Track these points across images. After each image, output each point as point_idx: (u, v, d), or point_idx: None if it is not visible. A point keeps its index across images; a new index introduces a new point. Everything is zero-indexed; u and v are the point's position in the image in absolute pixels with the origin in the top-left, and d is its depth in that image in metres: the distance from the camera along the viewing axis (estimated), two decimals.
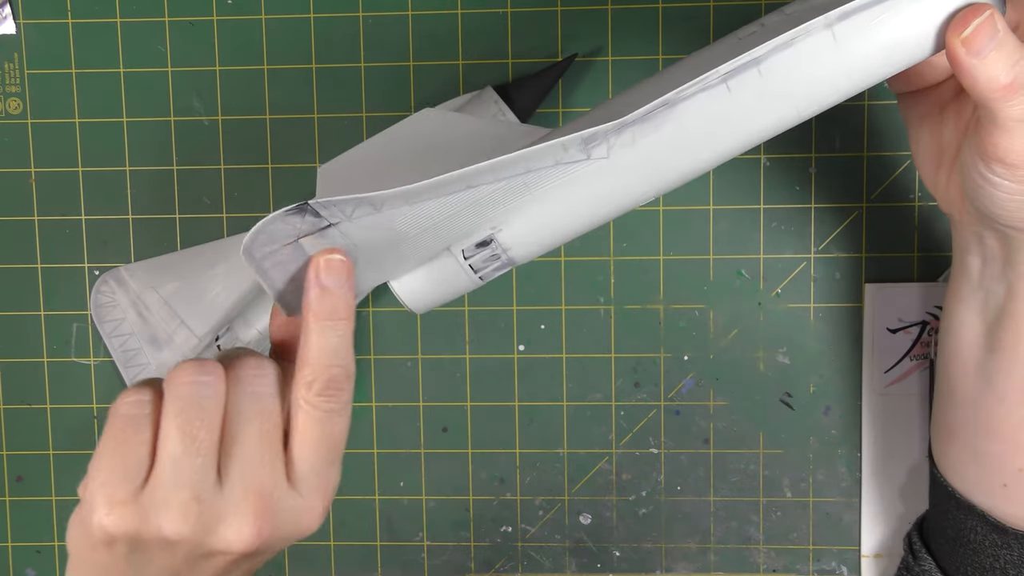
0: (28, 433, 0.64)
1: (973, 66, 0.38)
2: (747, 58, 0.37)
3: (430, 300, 0.42)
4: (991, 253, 0.45)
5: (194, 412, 0.36)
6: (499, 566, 0.63)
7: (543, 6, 0.60)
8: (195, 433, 0.36)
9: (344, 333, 0.37)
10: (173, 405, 0.36)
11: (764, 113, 0.39)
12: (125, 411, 0.37)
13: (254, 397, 0.37)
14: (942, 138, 0.45)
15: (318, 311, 0.37)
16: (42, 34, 0.61)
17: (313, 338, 0.37)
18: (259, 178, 0.61)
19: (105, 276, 0.62)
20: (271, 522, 0.37)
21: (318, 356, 0.37)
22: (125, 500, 0.36)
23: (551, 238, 0.41)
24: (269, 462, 0.37)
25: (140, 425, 0.37)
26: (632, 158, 0.39)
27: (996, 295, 0.46)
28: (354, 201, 0.37)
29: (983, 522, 0.49)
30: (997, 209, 0.42)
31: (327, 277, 0.37)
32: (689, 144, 0.39)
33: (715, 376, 0.61)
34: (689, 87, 0.38)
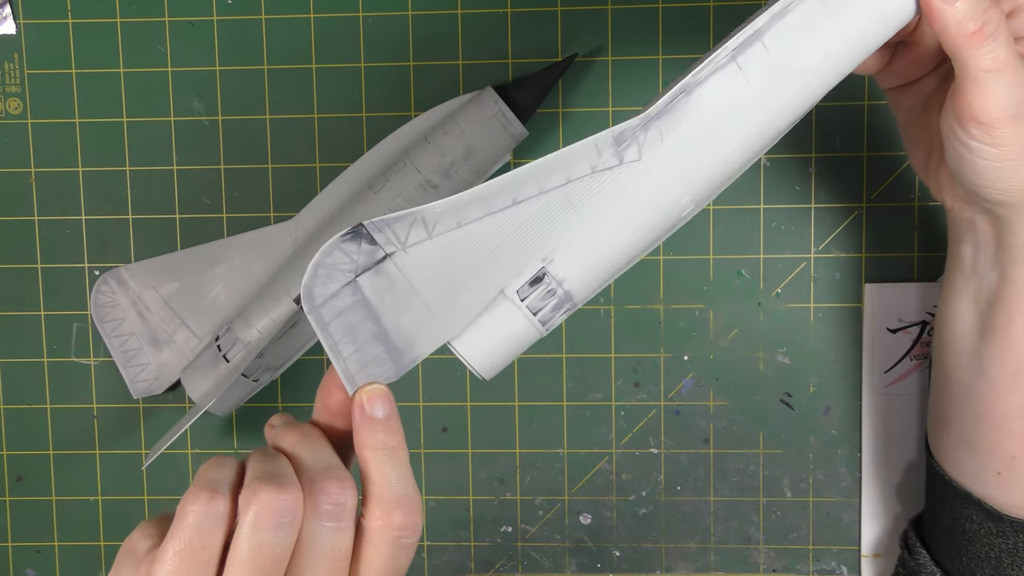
0: (28, 433, 0.64)
1: (942, 10, 0.38)
2: (750, 31, 0.38)
3: (495, 357, 0.40)
4: (983, 239, 0.46)
5: (268, 547, 0.34)
6: (499, 566, 0.63)
7: (543, 6, 0.60)
8: (265, 570, 0.34)
9: (398, 460, 0.37)
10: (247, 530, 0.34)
11: (777, 90, 0.39)
12: (195, 521, 0.34)
13: (331, 532, 0.36)
14: (928, 128, 0.47)
15: (371, 442, 0.37)
16: (42, 34, 0.61)
17: (371, 469, 0.37)
18: (259, 178, 0.61)
19: (105, 276, 0.62)
20: None
21: (381, 489, 0.36)
22: None
23: (602, 262, 0.40)
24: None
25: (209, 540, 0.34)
26: (662, 156, 0.38)
27: (989, 281, 0.47)
28: (407, 219, 0.37)
29: (979, 510, 0.49)
30: (979, 180, 0.43)
31: (370, 406, 0.37)
32: (713, 132, 0.39)
33: (715, 376, 0.61)
34: (701, 69, 0.38)
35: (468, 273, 0.39)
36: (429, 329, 0.39)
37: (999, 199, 0.43)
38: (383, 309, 0.38)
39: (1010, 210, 0.44)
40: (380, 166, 0.58)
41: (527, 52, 0.60)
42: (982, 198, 0.44)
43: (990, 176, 0.42)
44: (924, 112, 0.47)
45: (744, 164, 0.40)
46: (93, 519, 0.64)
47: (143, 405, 0.63)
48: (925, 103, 0.47)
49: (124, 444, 0.63)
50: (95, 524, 0.64)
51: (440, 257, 0.38)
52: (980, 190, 0.43)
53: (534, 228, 0.39)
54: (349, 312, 0.38)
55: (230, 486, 0.36)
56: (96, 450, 0.64)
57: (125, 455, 0.63)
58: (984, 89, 0.40)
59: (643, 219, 0.39)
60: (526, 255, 0.39)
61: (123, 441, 0.63)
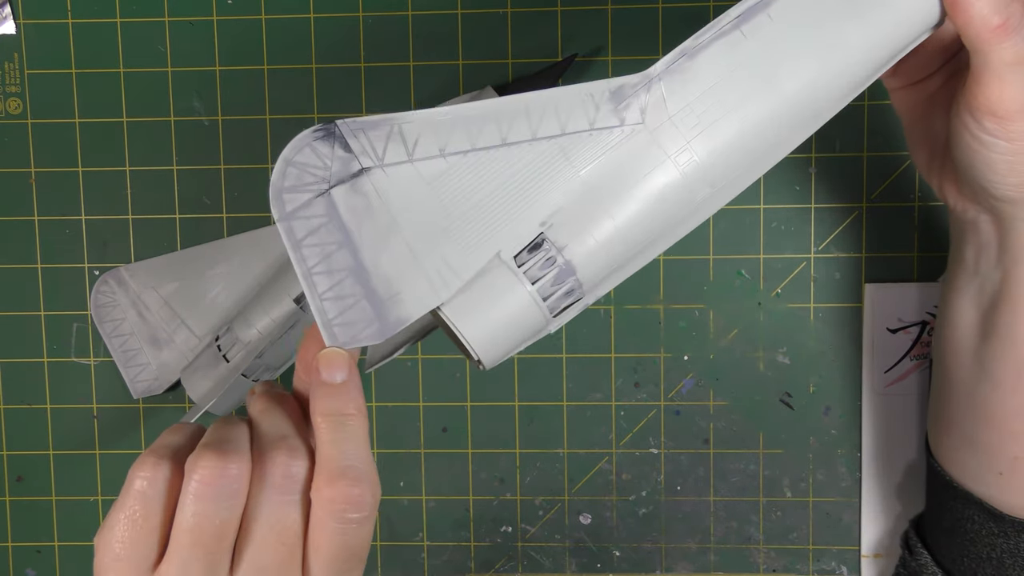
0: (28, 433, 0.64)
1: (970, 4, 0.38)
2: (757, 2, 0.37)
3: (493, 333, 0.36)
4: (986, 239, 0.46)
5: (209, 518, 0.34)
6: (499, 566, 0.63)
7: (543, 6, 0.60)
8: (207, 542, 0.34)
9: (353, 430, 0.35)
10: (189, 499, 0.34)
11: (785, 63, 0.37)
12: (138, 486, 0.34)
13: (278, 506, 0.35)
14: (934, 126, 0.47)
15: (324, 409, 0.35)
16: (42, 34, 0.61)
17: (324, 436, 0.35)
18: (259, 178, 0.61)
19: (105, 276, 0.62)
20: None
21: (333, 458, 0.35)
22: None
23: (607, 236, 0.36)
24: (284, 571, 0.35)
25: (153, 508, 0.34)
26: (668, 123, 0.36)
27: (991, 282, 0.47)
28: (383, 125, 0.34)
29: (980, 510, 0.49)
30: (991, 175, 0.42)
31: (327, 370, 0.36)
32: (719, 100, 0.36)
33: (715, 376, 0.61)
34: (704, 33, 0.37)
35: (456, 220, 0.35)
36: (415, 282, 0.35)
37: (1008, 195, 0.43)
38: (361, 239, 0.35)
39: (1017, 207, 0.44)
40: None
41: (527, 52, 0.60)
42: (990, 194, 0.44)
43: (1002, 170, 0.42)
44: (929, 111, 0.47)
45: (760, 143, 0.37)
46: (93, 519, 0.64)
47: (143, 405, 0.63)
48: (930, 102, 0.47)
49: (124, 444, 0.63)
50: (95, 524, 0.64)
51: (424, 192, 0.35)
52: (990, 185, 0.43)
53: (528, 181, 0.35)
54: (323, 231, 0.34)
55: (180, 453, 0.35)
56: (96, 450, 0.64)
57: (125, 455, 0.63)
58: (1003, 82, 0.40)
59: (651, 191, 0.36)
60: (522, 214, 0.36)
61: (123, 441, 0.63)
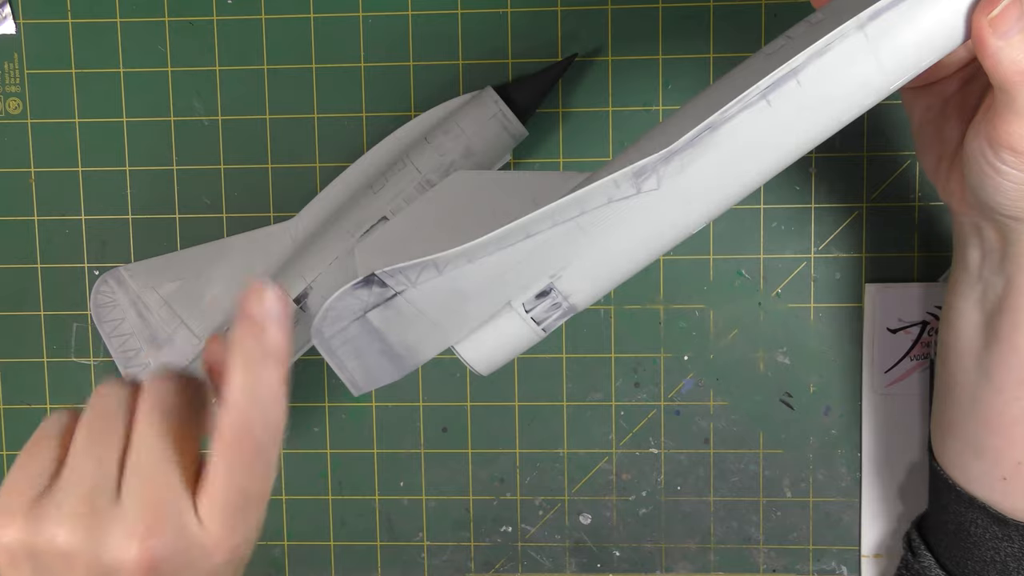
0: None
1: (999, 48, 0.38)
2: (785, 70, 0.37)
3: (495, 359, 0.42)
4: (990, 245, 0.46)
5: (98, 422, 0.36)
6: (499, 566, 0.63)
7: (543, 6, 0.60)
8: (97, 439, 0.36)
9: (269, 376, 0.35)
10: (84, 416, 0.37)
11: (805, 124, 0.39)
12: (42, 428, 0.37)
13: (155, 411, 0.36)
14: (944, 131, 0.46)
15: (247, 351, 0.35)
16: (42, 34, 0.61)
17: (240, 380, 0.35)
18: (259, 178, 0.61)
19: (105, 276, 0.62)
20: (164, 541, 0.35)
21: (240, 401, 0.35)
22: (18, 511, 0.35)
23: (609, 279, 0.41)
24: (168, 478, 0.35)
25: (50, 436, 0.37)
26: (681, 186, 0.39)
27: (995, 288, 0.46)
28: (419, 266, 0.37)
29: (984, 514, 0.49)
30: (1000, 198, 0.42)
31: (255, 308, 0.35)
32: (736, 164, 0.39)
33: (715, 376, 0.61)
34: (731, 107, 0.38)
35: (476, 293, 0.40)
36: (433, 338, 0.41)
37: (1017, 216, 0.43)
38: (389, 332, 0.40)
39: (1021, 223, 0.43)
40: (380, 166, 0.58)
41: (527, 52, 0.60)
42: (996, 211, 0.43)
43: (1012, 196, 0.42)
44: (941, 116, 0.46)
45: (760, 185, 0.40)
46: None
47: None
48: (943, 106, 0.46)
49: None
50: None
51: (450, 286, 0.39)
52: (998, 207, 0.43)
53: (545, 253, 0.39)
54: (357, 339, 0.39)
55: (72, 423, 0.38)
56: None
57: None
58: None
59: (655, 241, 0.40)
60: (535, 274, 0.40)
61: None
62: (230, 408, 0.35)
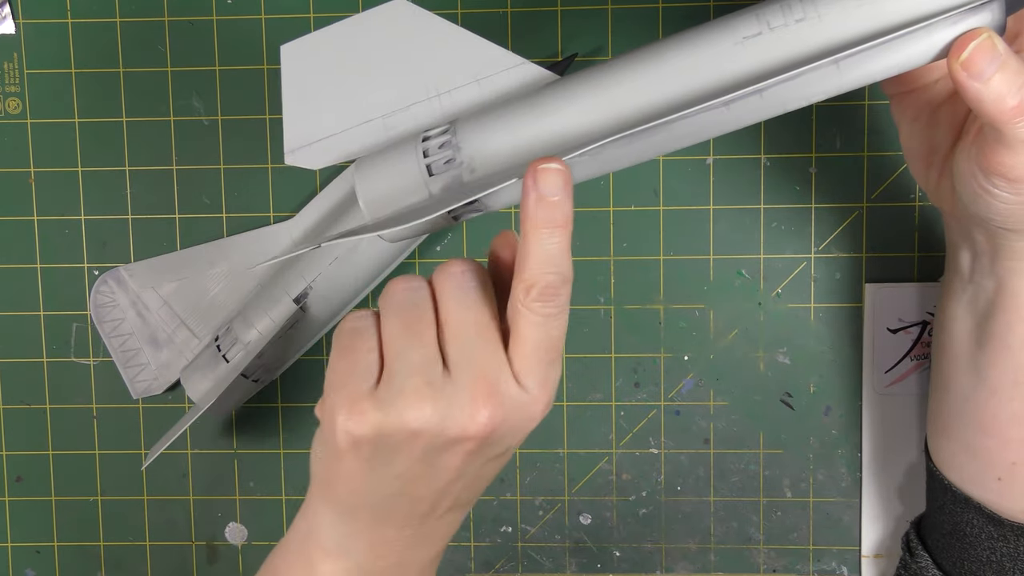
0: (28, 433, 0.64)
1: (978, 90, 0.38)
2: (751, 90, 0.38)
3: (380, 192, 0.41)
4: (980, 249, 0.46)
5: (409, 310, 0.38)
6: (499, 566, 0.63)
7: (543, 6, 0.60)
8: (413, 326, 0.38)
9: (561, 240, 0.37)
10: (389, 309, 0.39)
11: (754, 118, 0.39)
12: (348, 326, 0.39)
13: (462, 291, 0.39)
14: (934, 138, 0.46)
15: (536, 219, 0.37)
16: (42, 34, 0.61)
17: (532, 246, 0.37)
18: (259, 178, 0.61)
19: (105, 276, 0.62)
20: (500, 406, 0.38)
21: (536, 263, 0.37)
22: (362, 397, 0.38)
23: (509, 155, 0.40)
24: (490, 350, 0.38)
25: (364, 334, 0.39)
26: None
27: (986, 290, 0.46)
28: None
29: (980, 515, 0.49)
30: (992, 214, 0.42)
31: (545, 185, 0.37)
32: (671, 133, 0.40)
33: (715, 376, 0.61)
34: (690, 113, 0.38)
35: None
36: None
37: (1007, 227, 0.43)
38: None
39: (1011, 234, 0.43)
40: None
41: (527, 52, 0.60)
42: (987, 223, 0.43)
43: (1004, 213, 0.42)
44: (931, 122, 0.46)
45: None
46: (93, 519, 0.64)
47: (143, 405, 0.63)
48: (932, 114, 0.46)
49: (124, 444, 0.63)
50: (95, 524, 0.64)
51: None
52: (989, 220, 0.43)
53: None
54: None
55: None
56: (96, 450, 0.63)
57: (125, 455, 0.63)
58: (1018, 154, 0.39)
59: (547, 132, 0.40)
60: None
61: (123, 441, 0.63)
62: (530, 267, 0.38)
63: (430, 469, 0.39)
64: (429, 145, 0.40)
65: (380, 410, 0.37)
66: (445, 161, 0.40)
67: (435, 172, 0.40)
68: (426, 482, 0.39)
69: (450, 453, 0.38)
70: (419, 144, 0.41)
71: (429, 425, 0.37)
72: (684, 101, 0.39)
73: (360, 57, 0.41)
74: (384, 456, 0.38)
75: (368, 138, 0.42)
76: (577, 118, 0.40)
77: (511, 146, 0.40)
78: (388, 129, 0.42)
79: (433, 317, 0.39)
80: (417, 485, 0.39)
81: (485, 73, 0.41)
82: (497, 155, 0.40)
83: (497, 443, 0.39)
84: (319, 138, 0.42)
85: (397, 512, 0.40)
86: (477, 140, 0.40)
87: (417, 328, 0.38)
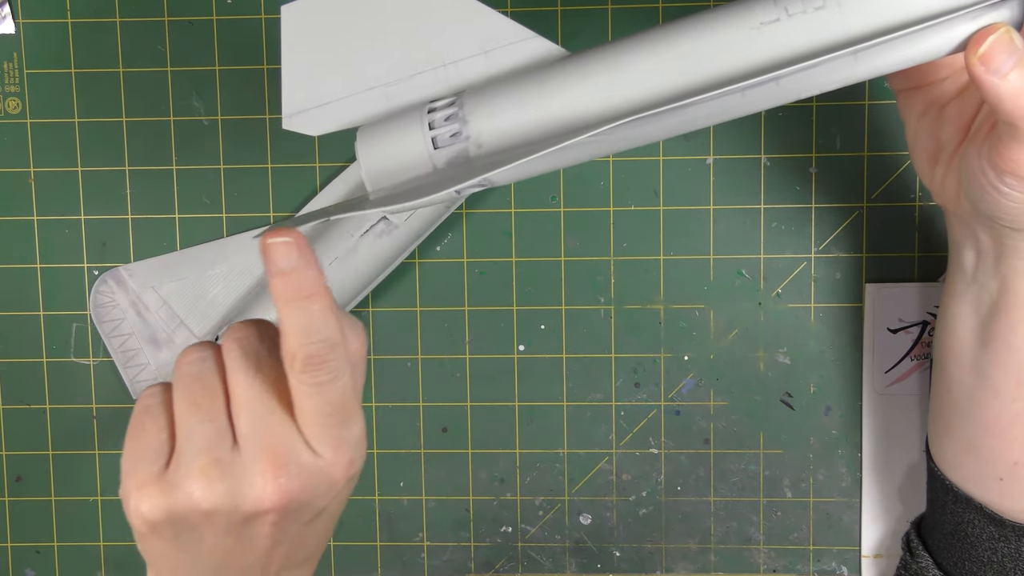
0: (28, 433, 0.64)
1: (995, 85, 0.37)
2: (768, 78, 0.37)
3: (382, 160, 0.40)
4: (984, 248, 0.46)
5: (196, 384, 0.38)
6: (499, 566, 0.63)
7: (543, 6, 0.60)
8: (199, 401, 0.38)
9: (316, 307, 0.36)
10: (178, 384, 0.38)
11: (767, 104, 0.39)
12: (140, 404, 0.39)
13: (247, 359, 0.38)
14: (941, 135, 0.46)
15: (282, 295, 0.36)
16: (41, 34, 0.61)
17: (287, 320, 0.37)
18: (259, 178, 0.61)
19: (104, 276, 0.62)
20: (293, 476, 0.37)
21: (295, 337, 0.36)
22: (150, 480, 0.37)
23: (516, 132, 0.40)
24: (277, 420, 0.38)
25: (153, 412, 0.39)
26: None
27: (989, 290, 0.46)
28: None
29: (980, 515, 0.49)
30: (1000, 213, 0.42)
31: (278, 261, 0.36)
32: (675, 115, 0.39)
33: (715, 376, 0.61)
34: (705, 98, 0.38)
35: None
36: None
37: (1013, 226, 0.43)
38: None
39: (1017, 233, 0.43)
40: None
41: None
42: (993, 221, 0.43)
43: (1012, 212, 0.42)
44: (938, 120, 0.45)
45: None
46: (93, 519, 0.64)
47: None
48: (940, 111, 0.45)
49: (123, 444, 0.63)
50: (95, 524, 0.64)
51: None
52: (996, 218, 0.43)
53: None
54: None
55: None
56: (96, 450, 0.63)
57: None
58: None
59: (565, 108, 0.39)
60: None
61: (122, 441, 0.63)
62: (290, 342, 0.37)
63: (241, 542, 0.38)
64: (435, 117, 0.40)
65: (168, 493, 0.37)
66: (451, 135, 0.39)
67: (440, 145, 0.40)
68: (244, 553, 0.39)
69: (254, 525, 0.38)
70: (424, 116, 0.40)
71: (221, 504, 0.37)
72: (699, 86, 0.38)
73: (364, 21, 0.40)
74: (187, 535, 0.38)
75: (370, 106, 0.41)
76: (589, 98, 0.39)
77: (521, 122, 0.39)
78: (391, 98, 0.41)
79: (221, 389, 0.38)
80: (236, 556, 0.39)
81: (493, 45, 0.40)
82: (506, 130, 0.39)
83: (301, 510, 0.38)
84: (319, 104, 0.41)
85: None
86: (485, 114, 0.39)
87: (203, 403, 0.38)
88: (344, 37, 0.40)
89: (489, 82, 0.40)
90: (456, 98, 0.40)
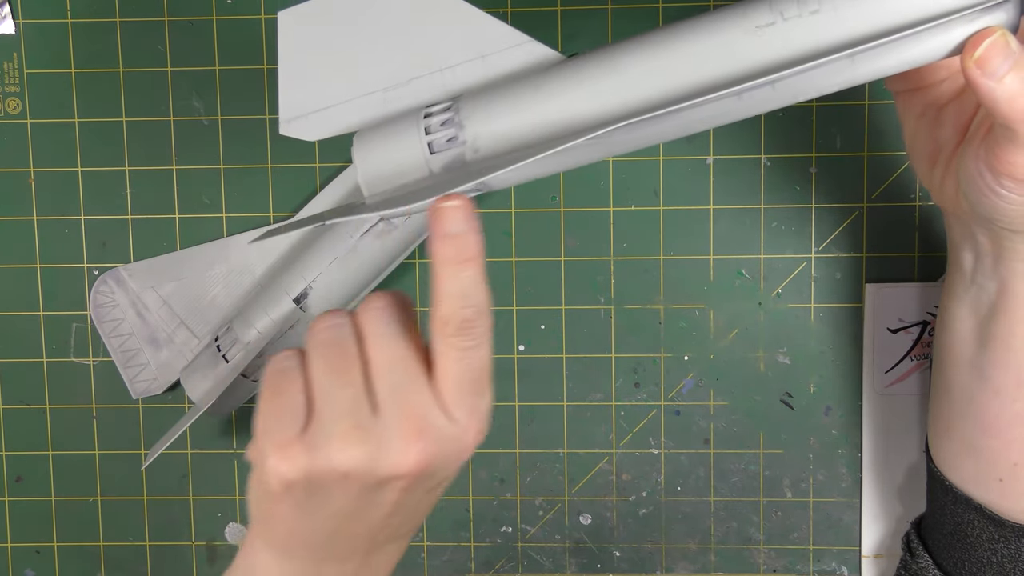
0: (28, 433, 0.64)
1: (991, 88, 0.37)
2: (764, 81, 0.37)
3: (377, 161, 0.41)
4: (983, 249, 0.46)
5: (333, 349, 0.38)
6: (499, 566, 0.63)
7: (543, 6, 0.60)
8: (338, 365, 0.38)
9: (472, 273, 0.37)
10: (314, 349, 0.39)
11: (764, 108, 0.39)
12: (275, 367, 0.39)
13: (385, 327, 0.39)
14: (939, 137, 0.46)
15: (444, 256, 0.37)
16: (41, 34, 0.61)
17: (443, 283, 0.37)
18: (259, 178, 0.61)
19: (104, 276, 0.62)
20: (431, 441, 0.38)
21: (449, 300, 0.37)
22: (292, 441, 0.37)
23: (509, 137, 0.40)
24: (416, 387, 0.38)
25: (290, 375, 0.39)
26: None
27: (988, 291, 0.46)
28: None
29: (980, 515, 0.49)
30: (998, 215, 0.42)
31: (447, 223, 0.37)
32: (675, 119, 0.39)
33: (715, 376, 0.61)
34: (701, 102, 0.38)
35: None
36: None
37: (1011, 228, 0.43)
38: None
39: (1015, 235, 0.43)
40: None
41: None
42: (992, 223, 0.43)
43: (1010, 215, 0.42)
44: (936, 121, 0.45)
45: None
46: (93, 519, 0.64)
47: (143, 405, 0.63)
48: (938, 112, 0.45)
49: (123, 444, 0.63)
50: (95, 524, 0.64)
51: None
52: (994, 221, 0.43)
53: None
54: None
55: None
56: (95, 450, 0.63)
57: (125, 455, 0.63)
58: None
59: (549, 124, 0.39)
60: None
61: (122, 441, 0.63)
62: (444, 304, 0.37)
63: (366, 507, 0.39)
64: (431, 122, 0.40)
65: (310, 454, 0.37)
66: (448, 139, 0.40)
67: (436, 150, 0.40)
68: (363, 519, 0.39)
69: (385, 490, 0.38)
70: (421, 120, 0.40)
71: (360, 467, 0.37)
72: (695, 90, 0.38)
73: (360, 27, 0.40)
74: (318, 497, 0.38)
75: (366, 111, 0.41)
76: (585, 102, 0.39)
77: (517, 127, 0.39)
78: (388, 103, 0.41)
79: (357, 354, 0.38)
80: (354, 522, 0.39)
81: (489, 50, 0.40)
82: (502, 135, 0.39)
83: (431, 476, 0.39)
84: (315, 109, 0.41)
85: (336, 549, 0.40)
86: (481, 118, 0.40)
87: (342, 367, 0.38)
88: (341, 42, 0.40)
89: (486, 86, 0.40)
90: (452, 103, 0.40)
